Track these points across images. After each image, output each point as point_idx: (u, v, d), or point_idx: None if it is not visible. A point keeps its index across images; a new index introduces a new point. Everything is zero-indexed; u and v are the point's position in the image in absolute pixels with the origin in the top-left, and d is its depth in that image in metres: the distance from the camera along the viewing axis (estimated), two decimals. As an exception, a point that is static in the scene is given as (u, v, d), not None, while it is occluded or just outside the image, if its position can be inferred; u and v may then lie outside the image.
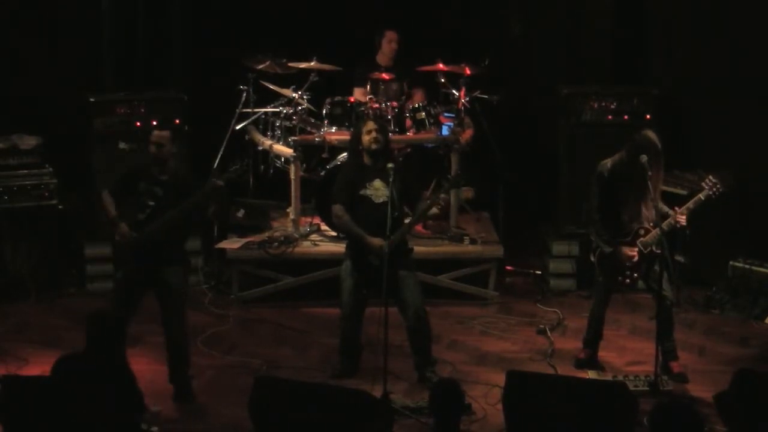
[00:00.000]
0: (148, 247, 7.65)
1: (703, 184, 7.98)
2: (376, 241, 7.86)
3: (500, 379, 6.65)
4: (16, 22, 10.36)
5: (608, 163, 8.02)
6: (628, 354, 8.60)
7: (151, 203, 7.67)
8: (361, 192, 8.07)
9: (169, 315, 7.76)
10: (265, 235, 9.94)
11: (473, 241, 9.86)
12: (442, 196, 8.22)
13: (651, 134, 7.92)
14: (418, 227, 9.52)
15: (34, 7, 10.40)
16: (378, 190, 8.04)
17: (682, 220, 7.90)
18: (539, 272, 10.28)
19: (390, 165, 7.85)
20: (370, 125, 8.17)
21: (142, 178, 7.76)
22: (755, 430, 5.47)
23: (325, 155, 9.88)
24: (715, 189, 7.92)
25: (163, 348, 7.93)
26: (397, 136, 9.67)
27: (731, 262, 9.64)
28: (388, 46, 10.34)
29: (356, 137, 8.25)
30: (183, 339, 7.86)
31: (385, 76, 10.13)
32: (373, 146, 8.09)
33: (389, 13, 10.90)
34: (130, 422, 5.99)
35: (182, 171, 8.11)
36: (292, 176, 9.88)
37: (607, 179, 7.97)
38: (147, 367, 8.13)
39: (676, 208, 7.94)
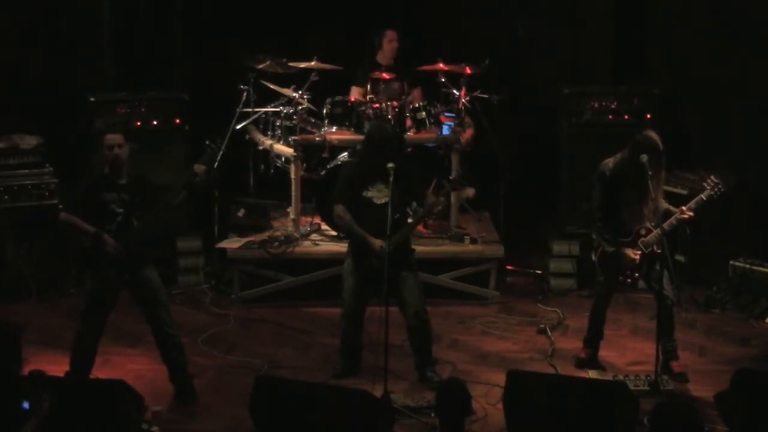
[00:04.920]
0: (131, 254, 7.54)
1: (705, 184, 7.98)
2: (378, 242, 7.86)
3: (501, 378, 6.65)
4: (17, 22, 10.37)
5: (610, 162, 8.01)
6: (628, 354, 8.60)
7: (120, 210, 7.49)
8: (363, 193, 8.07)
9: (157, 313, 7.69)
10: (265, 235, 9.94)
11: (474, 241, 9.87)
12: (442, 199, 8.19)
13: (652, 134, 7.92)
14: (419, 227, 9.52)
15: (34, 7, 10.40)
16: (380, 192, 8.04)
17: (689, 213, 7.86)
18: (540, 272, 10.28)
19: (390, 165, 7.84)
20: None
21: (101, 188, 7.53)
22: (755, 429, 5.47)
23: (325, 155, 9.88)
24: (716, 189, 7.91)
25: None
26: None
27: (732, 262, 9.64)
28: (388, 45, 10.35)
29: (373, 140, 8.21)
30: (178, 334, 7.84)
31: (385, 75, 10.13)
32: None
33: (390, 13, 10.90)
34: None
35: (135, 170, 7.73)
36: (293, 176, 9.89)
37: (609, 178, 7.96)
38: (147, 367, 8.14)
39: (683, 207, 7.93)
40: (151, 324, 7.75)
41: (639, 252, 7.94)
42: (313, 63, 10.03)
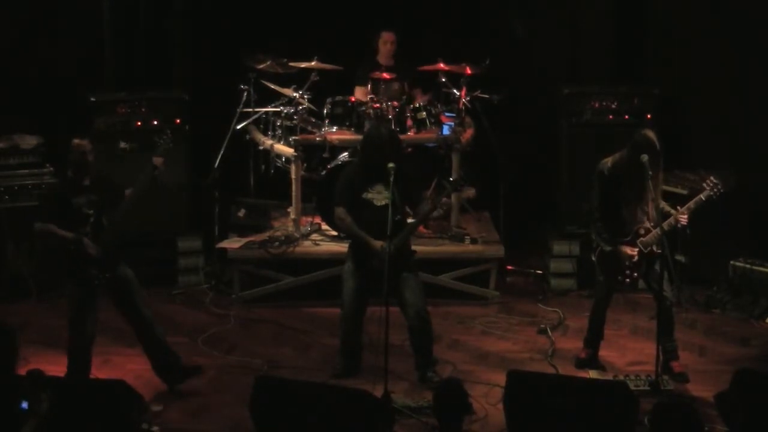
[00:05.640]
0: (109, 254, 7.61)
1: (704, 184, 7.98)
2: (378, 244, 7.86)
3: (501, 378, 6.65)
4: (17, 22, 10.37)
5: (609, 161, 8.02)
6: (629, 354, 8.60)
7: (91, 212, 7.56)
8: (363, 195, 8.07)
9: (139, 308, 7.78)
10: (266, 235, 9.95)
11: (474, 241, 9.87)
12: (444, 200, 8.18)
13: (650, 134, 7.92)
14: (420, 227, 9.51)
15: (34, 7, 10.40)
16: (380, 194, 8.04)
17: (683, 219, 7.91)
18: (540, 272, 10.28)
19: (391, 165, 7.84)
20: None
21: (69, 193, 7.60)
22: (755, 429, 5.47)
23: (326, 155, 9.89)
24: (716, 189, 7.91)
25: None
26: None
27: (732, 262, 9.64)
28: (383, 47, 10.35)
29: (370, 142, 8.21)
30: (158, 325, 7.95)
31: (386, 75, 10.13)
32: None
33: (390, 13, 10.90)
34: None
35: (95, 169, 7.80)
36: (293, 176, 9.89)
37: (608, 178, 7.97)
38: (147, 367, 8.10)
39: (679, 207, 7.94)
40: (133, 319, 7.82)
41: (637, 249, 7.94)
42: (313, 63, 10.03)
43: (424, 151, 10.20)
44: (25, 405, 5.61)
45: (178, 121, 10.04)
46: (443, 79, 10.09)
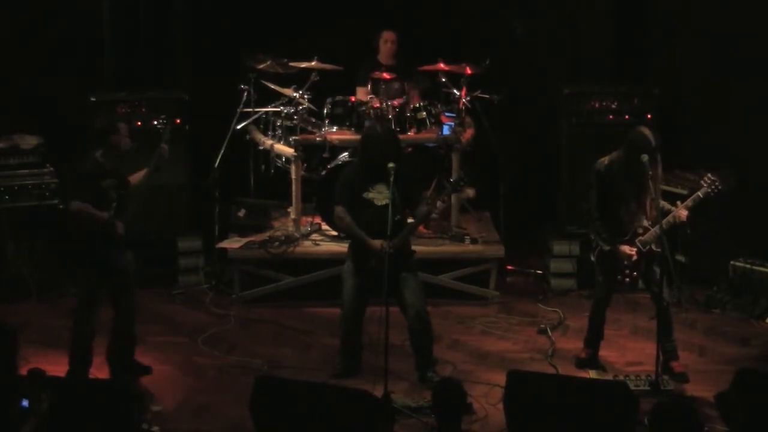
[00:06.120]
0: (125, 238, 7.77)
1: (702, 181, 7.98)
2: (377, 243, 7.86)
3: (501, 378, 6.64)
4: (17, 22, 10.37)
5: (606, 160, 8.02)
6: (628, 354, 8.60)
7: (115, 195, 7.67)
8: (364, 195, 8.07)
9: (131, 295, 7.90)
10: (266, 235, 9.95)
11: (474, 241, 9.87)
12: (439, 203, 8.15)
13: (646, 130, 7.91)
14: (420, 227, 9.51)
15: (34, 7, 10.40)
16: (381, 193, 8.04)
17: (683, 215, 7.89)
18: (540, 272, 10.28)
19: (391, 165, 7.84)
20: None
21: (99, 176, 7.70)
22: (756, 429, 5.47)
23: (326, 155, 9.89)
24: (713, 187, 7.90)
25: (166, 346, 8.22)
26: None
27: (732, 262, 9.64)
28: (384, 46, 10.36)
29: (369, 142, 8.23)
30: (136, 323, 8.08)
31: (386, 75, 10.13)
32: None
33: (390, 13, 10.90)
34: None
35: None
36: (293, 176, 9.89)
37: (605, 176, 7.96)
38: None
39: (679, 203, 7.93)
40: (122, 303, 7.88)
41: (635, 249, 7.94)
42: (313, 63, 10.03)
43: (424, 151, 10.20)
44: (25, 404, 5.61)
45: (178, 121, 10.03)
46: (443, 79, 10.09)
